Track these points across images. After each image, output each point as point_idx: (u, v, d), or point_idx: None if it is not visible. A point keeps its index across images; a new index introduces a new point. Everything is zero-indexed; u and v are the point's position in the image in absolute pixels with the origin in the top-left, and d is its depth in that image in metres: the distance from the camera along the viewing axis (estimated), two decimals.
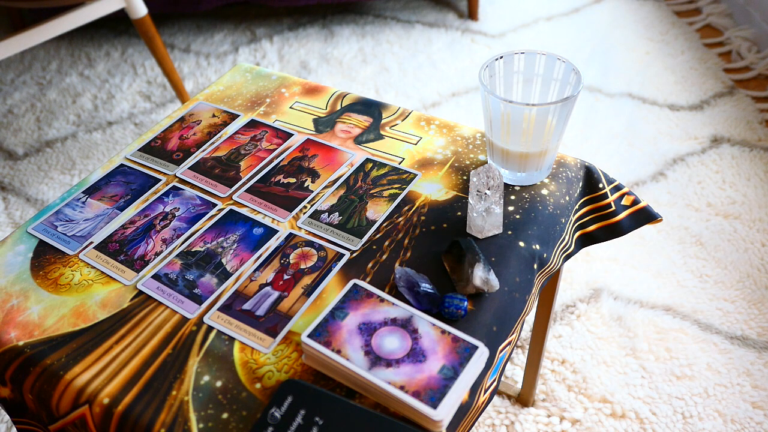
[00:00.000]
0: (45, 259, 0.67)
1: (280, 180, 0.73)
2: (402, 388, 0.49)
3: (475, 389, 0.54)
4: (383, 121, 0.80)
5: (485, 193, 0.61)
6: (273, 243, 0.66)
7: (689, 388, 1.05)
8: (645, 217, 0.73)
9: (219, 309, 0.60)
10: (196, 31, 2.04)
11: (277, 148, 0.77)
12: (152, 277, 0.63)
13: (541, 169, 0.68)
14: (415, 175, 0.71)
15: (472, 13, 1.98)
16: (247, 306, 0.60)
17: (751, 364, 1.07)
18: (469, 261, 0.58)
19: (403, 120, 0.80)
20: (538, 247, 0.64)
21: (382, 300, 0.55)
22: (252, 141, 0.78)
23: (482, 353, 0.52)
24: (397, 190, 0.70)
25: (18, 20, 2.02)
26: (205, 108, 0.84)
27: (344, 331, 0.53)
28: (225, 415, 0.52)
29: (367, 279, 0.61)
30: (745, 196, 1.37)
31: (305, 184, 0.72)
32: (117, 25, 2.07)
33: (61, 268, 0.65)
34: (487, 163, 0.71)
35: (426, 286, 0.57)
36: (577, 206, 0.71)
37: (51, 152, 1.61)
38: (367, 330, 0.53)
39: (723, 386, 1.05)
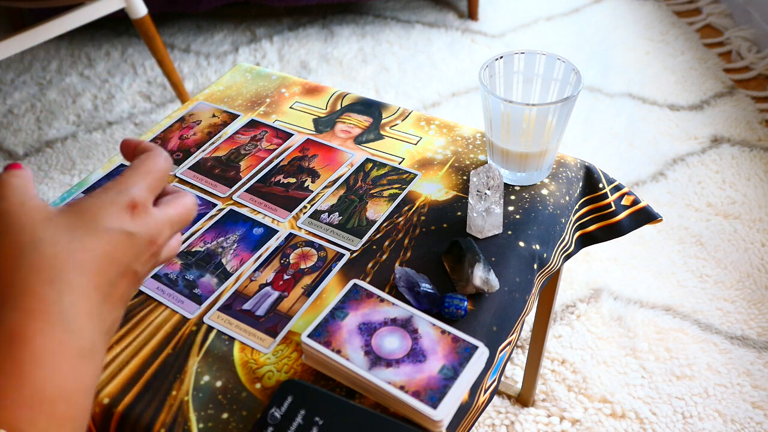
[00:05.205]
0: None
1: (280, 180, 0.73)
2: (402, 388, 0.49)
3: (475, 389, 0.54)
4: (383, 121, 0.80)
5: (485, 193, 0.61)
6: (273, 243, 0.66)
7: (689, 388, 1.05)
8: (645, 217, 0.73)
9: (219, 309, 0.60)
10: (196, 31, 2.04)
11: (277, 148, 0.77)
12: (152, 277, 0.63)
13: (541, 169, 0.68)
14: (415, 175, 0.71)
15: (472, 13, 1.98)
16: (247, 306, 0.60)
17: (751, 364, 1.07)
18: (469, 261, 0.58)
19: (403, 120, 0.80)
20: (538, 247, 0.64)
21: (382, 300, 0.55)
22: (252, 141, 0.78)
23: (482, 353, 0.52)
24: (397, 190, 0.70)
25: (18, 20, 2.02)
26: (205, 108, 0.84)
27: (344, 331, 0.53)
28: (225, 415, 0.52)
29: (367, 279, 0.61)
30: (745, 196, 1.37)
31: (305, 184, 0.72)
32: (117, 25, 2.07)
33: None
34: (487, 163, 0.71)
35: (426, 286, 0.57)
36: (577, 206, 0.71)
37: (51, 152, 1.61)
38: (367, 330, 0.53)
39: (723, 386, 1.05)
